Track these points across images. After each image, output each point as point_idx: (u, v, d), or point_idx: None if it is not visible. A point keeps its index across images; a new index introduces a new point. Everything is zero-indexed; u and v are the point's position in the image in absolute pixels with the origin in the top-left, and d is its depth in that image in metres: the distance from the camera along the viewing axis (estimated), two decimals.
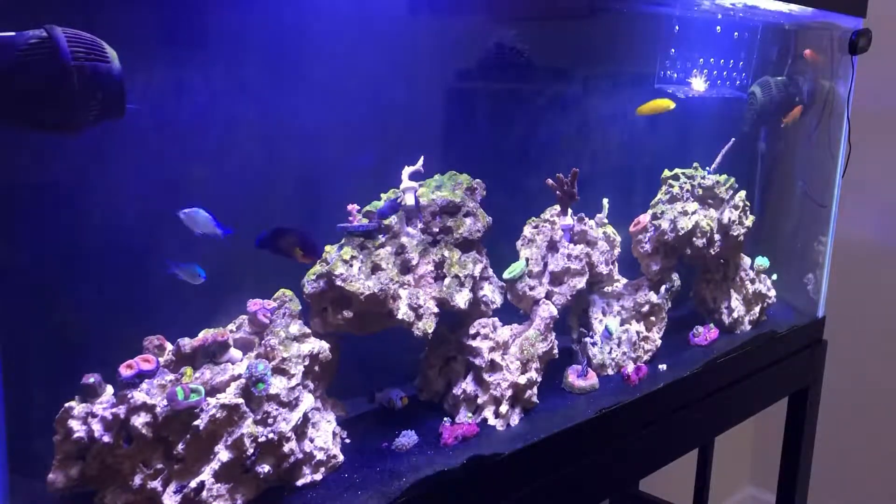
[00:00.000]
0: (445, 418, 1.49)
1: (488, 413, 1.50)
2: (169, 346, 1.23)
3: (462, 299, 1.47)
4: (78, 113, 0.98)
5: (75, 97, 0.96)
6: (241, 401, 1.16)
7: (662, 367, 1.84)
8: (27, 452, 1.08)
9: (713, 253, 2.02)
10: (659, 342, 1.89)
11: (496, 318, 1.59)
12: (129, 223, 1.32)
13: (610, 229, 1.88)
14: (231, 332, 1.30)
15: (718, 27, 2.18)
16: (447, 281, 1.47)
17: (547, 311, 1.62)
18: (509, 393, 1.51)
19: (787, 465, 2.40)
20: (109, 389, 1.15)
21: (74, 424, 1.10)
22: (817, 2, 2.07)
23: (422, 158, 1.52)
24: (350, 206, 1.46)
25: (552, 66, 2.04)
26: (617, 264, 1.89)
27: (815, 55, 2.26)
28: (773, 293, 2.25)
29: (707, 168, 2.07)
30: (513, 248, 1.73)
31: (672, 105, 2.01)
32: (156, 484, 1.11)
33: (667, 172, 2.05)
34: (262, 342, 1.29)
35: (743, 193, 2.11)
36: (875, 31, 2.25)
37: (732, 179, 2.09)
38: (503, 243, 1.71)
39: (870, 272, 3.16)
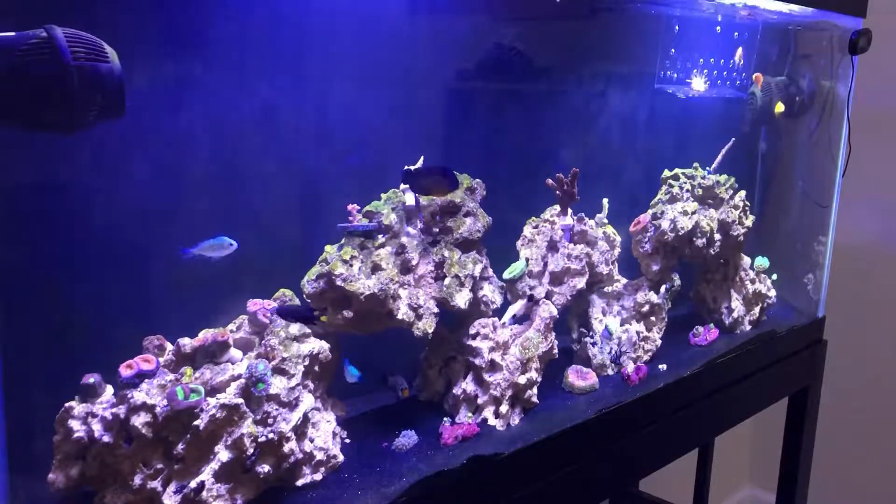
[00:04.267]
0: (445, 418, 1.49)
1: (488, 413, 1.50)
2: (169, 346, 1.23)
3: (462, 299, 1.47)
4: (78, 113, 0.98)
5: (75, 97, 0.95)
6: (241, 401, 1.16)
7: (662, 367, 1.84)
8: (27, 452, 1.08)
9: (713, 253, 2.02)
10: (659, 342, 1.89)
11: (496, 318, 1.59)
12: (129, 223, 1.32)
13: (610, 229, 1.88)
14: (231, 332, 1.30)
15: (718, 27, 2.18)
16: (447, 281, 1.47)
17: (547, 311, 1.62)
18: (509, 393, 1.51)
19: (787, 465, 2.40)
20: (109, 389, 1.15)
21: (74, 424, 1.10)
22: (817, 2, 2.07)
23: (422, 158, 1.52)
24: (350, 206, 1.46)
25: (552, 66, 2.04)
26: (617, 264, 1.89)
27: (759, 79, 2.26)
28: (773, 293, 2.25)
29: (707, 168, 2.07)
30: (513, 248, 1.73)
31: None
32: (156, 484, 1.11)
33: (667, 172, 2.05)
34: (262, 342, 1.29)
35: (743, 193, 2.11)
36: (875, 31, 2.25)
37: (732, 179, 2.09)
38: (503, 243, 1.70)
39: (870, 272, 3.16)
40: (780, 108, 2.31)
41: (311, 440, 1.28)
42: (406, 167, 1.45)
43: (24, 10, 0.99)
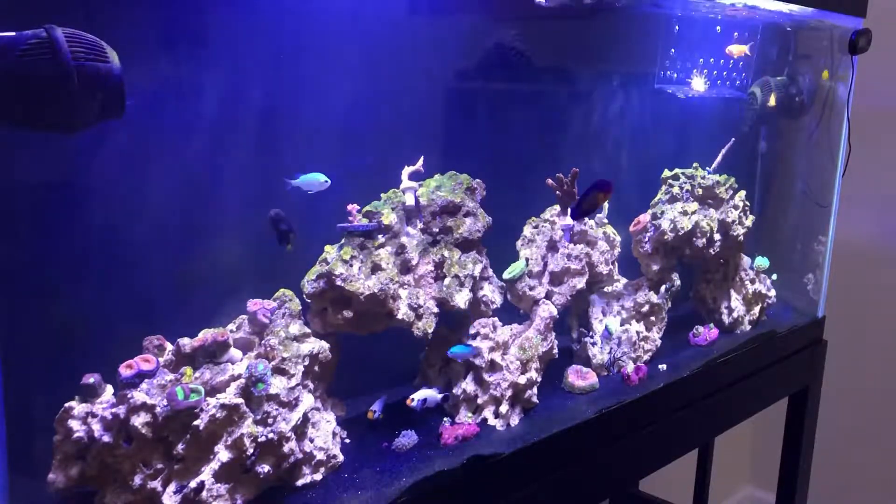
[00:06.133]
0: (445, 418, 1.49)
1: (488, 413, 1.50)
2: (169, 346, 1.23)
3: (462, 299, 1.47)
4: (78, 113, 0.98)
5: (75, 97, 0.96)
6: (240, 401, 1.16)
7: (662, 367, 1.84)
8: (27, 452, 1.08)
9: (713, 253, 2.02)
10: (659, 342, 1.89)
11: (496, 318, 1.59)
12: (129, 223, 1.32)
13: (610, 229, 1.88)
14: (231, 332, 1.30)
15: (718, 27, 2.18)
16: (447, 281, 1.47)
17: (547, 311, 1.62)
18: (509, 393, 1.51)
19: (787, 465, 2.40)
20: (109, 389, 1.15)
21: (74, 424, 1.10)
22: (817, 2, 2.07)
23: (422, 158, 1.52)
24: (350, 206, 1.46)
25: (552, 66, 2.04)
26: (617, 264, 1.89)
27: (739, 51, 2.21)
28: (773, 293, 2.25)
29: (707, 168, 2.07)
30: (513, 248, 1.73)
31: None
32: (156, 484, 1.11)
33: (667, 172, 2.05)
34: (262, 342, 1.29)
35: (743, 193, 2.11)
36: (875, 31, 2.25)
37: (732, 179, 2.09)
38: (503, 243, 1.70)
39: (870, 272, 3.16)
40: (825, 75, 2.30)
41: (311, 440, 1.28)
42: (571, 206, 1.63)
43: (24, 10, 0.99)
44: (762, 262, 2.22)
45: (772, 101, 2.26)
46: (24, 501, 1.09)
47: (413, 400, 1.45)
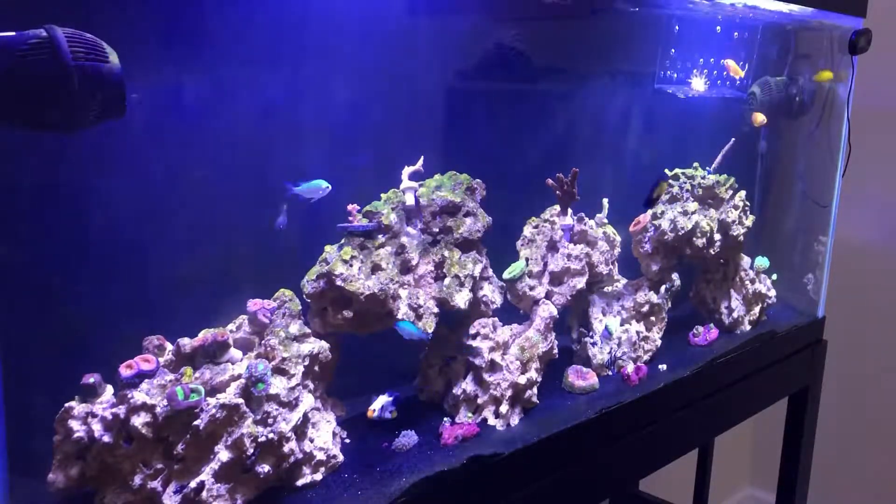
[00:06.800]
0: (445, 418, 1.49)
1: (488, 413, 1.50)
2: (169, 346, 1.23)
3: (462, 299, 1.47)
4: (78, 113, 0.98)
5: (75, 97, 0.96)
6: (241, 401, 1.16)
7: (662, 367, 1.84)
8: (27, 452, 1.08)
9: (713, 253, 2.02)
10: (659, 342, 1.89)
11: (496, 318, 1.59)
12: (129, 223, 1.32)
13: (610, 229, 1.88)
14: (231, 332, 1.30)
15: (718, 27, 2.18)
16: (447, 281, 1.47)
17: (547, 311, 1.62)
18: (509, 393, 1.51)
19: (787, 465, 2.40)
20: (109, 389, 1.15)
21: (74, 424, 1.10)
22: (817, 2, 2.07)
23: (422, 158, 1.52)
24: (350, 206, 1.46)
25: (552, 66, 2.03)
26: (617, 264, 1.89)
27: (735, 71, 2.21)
28: (773, 293, 2.25)
29: (707, 168, 2.07)
30: (513, 248, 1.73)
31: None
32: (156, 484, 1.11)
33: (667, 172, 2.05)
34: (262, 342, 1.29)
35: (743, 193, 2.11)
36: (875, 31, 2.25)
37: (732, 179, 2.09)
38: (503, 243, 1.71)
39: (870, 272, 3.16)
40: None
41: (311, 440, 1.28)
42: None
43: (24, 10, 0.99)
44: (762, 262, 2.22)
45: (760, 120, 2.26)
46: (24, 501, 1.09)
47: (374, 411, 1.42)
